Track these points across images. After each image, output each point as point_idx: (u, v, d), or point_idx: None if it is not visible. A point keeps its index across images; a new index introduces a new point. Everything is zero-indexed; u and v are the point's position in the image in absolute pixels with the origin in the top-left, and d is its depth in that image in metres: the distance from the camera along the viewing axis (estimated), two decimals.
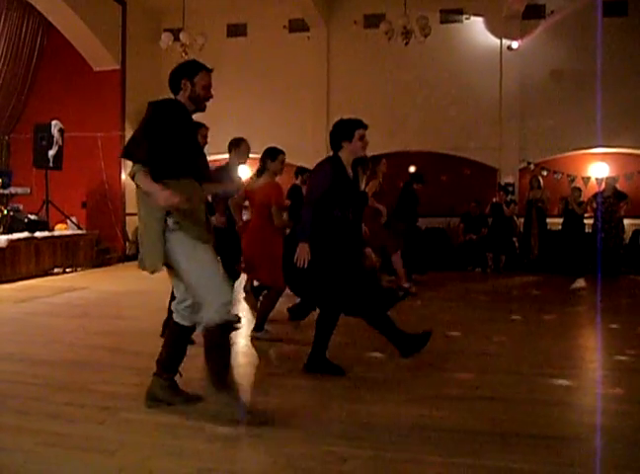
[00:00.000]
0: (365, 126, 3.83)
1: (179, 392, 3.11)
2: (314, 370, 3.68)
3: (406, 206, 7.78)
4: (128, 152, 2.87)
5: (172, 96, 3.05)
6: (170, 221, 2.83)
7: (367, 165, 6.98)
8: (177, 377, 3.12)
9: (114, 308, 6.19)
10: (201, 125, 4.51)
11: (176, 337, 3.08)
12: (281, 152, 4.76)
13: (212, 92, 3.09)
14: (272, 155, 4.71)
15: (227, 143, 5.03)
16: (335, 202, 3.65)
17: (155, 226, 2.83)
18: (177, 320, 3.07)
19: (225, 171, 4.87)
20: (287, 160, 4.88)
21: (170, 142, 2.84)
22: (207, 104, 3.10)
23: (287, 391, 3.40)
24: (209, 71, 3.09)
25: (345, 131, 3.76)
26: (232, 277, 4.53)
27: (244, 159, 5.08)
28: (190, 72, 3.02)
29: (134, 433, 2.74)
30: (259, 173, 4.75)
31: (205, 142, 4.66)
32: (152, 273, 2.90)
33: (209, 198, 4.10)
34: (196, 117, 3.14)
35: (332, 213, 3.66)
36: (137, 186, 2.85)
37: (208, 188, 3.20)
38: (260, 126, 11.43)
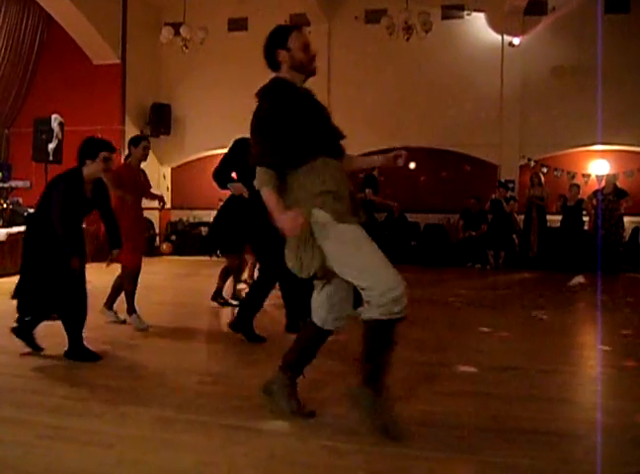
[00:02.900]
0: (113, 150, 4.02)
1: (294, 397, 2.82)
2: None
3: None
4: (253, 158, 2.57)
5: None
6: (319, 214, 2.53)
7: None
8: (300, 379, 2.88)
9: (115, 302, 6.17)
10: (144, 138, 4.96)
11: (311, 337, 2.81)
12: (144, 138, 5.04)
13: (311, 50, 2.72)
14: (135, 142, 4.97)
15: (228, 137, 5.08)
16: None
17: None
18: (315, 320, 2.77)
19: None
20: None
21: (288, 131, 2.56)
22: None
23: None
24: (300, 29, 2.74)
25: (89, 151, 3.96)
26: None
27: None
28: (280, 40, 2.69)
29: (133, 426, 2.74)
30: (126, 159, 4.95)
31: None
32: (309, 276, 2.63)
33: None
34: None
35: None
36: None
37: (349, 162, 2.88)
38: None
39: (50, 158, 9.52)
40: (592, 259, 8.68)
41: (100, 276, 5.30)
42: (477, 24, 11.08)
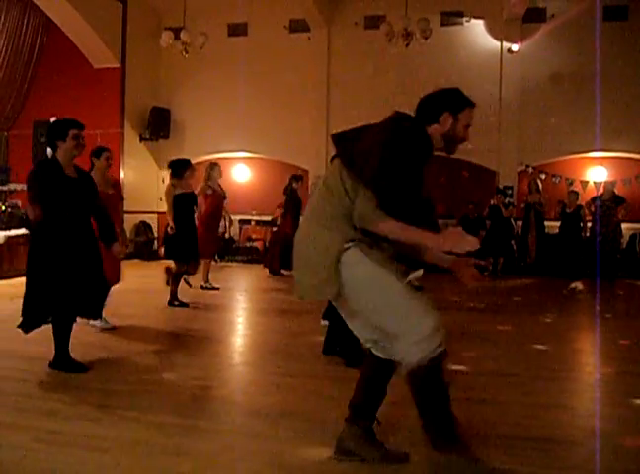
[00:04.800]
0: (81, 127, 3.91)
1: (376, 444, 2.46)
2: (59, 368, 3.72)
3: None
4: (382, 195, 2.19)
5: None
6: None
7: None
8: (375, 425, 2.52)
9: (111, 306, 6.14)
10: (105, 150, 5.02)
11: (373, 374, 2.47)
12: (106, 150, 5.09)
13: None
14: (97, 154, 5.03)
15: (227, 142, 5.09)
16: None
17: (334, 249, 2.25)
18: (373, 350, 2.45)
19: None
20: (286, 160, 4.94)
21: (413, 184, 2.29)
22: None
23: (286, 391, 3.39)
24: (474, 106, 2.53)
25: (58, 132, 3.87)
26: None
27: None
28: (456, 105, 2.46)
29: (130, 431, 2.73)
30: (89, 170, 4.92)
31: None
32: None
33: None
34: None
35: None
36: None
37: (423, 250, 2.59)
38: (260, 127, 11.44)
39: None
40: (590, 265, 8.68)
41: None
42: (476, 30, 11.11)
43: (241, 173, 12.29)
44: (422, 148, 2.35)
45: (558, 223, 9.94)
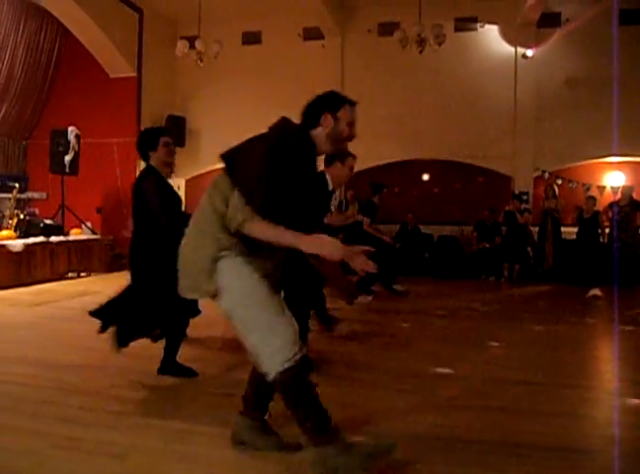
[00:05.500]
0: (170, 133, 3.97)
1: (269, 434, 2.64)
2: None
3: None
4: (248, 192, 2.28)
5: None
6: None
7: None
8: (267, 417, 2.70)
9: None
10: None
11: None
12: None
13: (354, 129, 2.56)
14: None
15: None
16: None
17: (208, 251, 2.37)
18: None
19: None
20: None
21: (287, 185, 2.34)
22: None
23: None
24: (353, 105, 2.60)
25: (149, 142, 3.86)
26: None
27: None
28: (333, 105, 2.54)
29: (145, 437, 2.74)
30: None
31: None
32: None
33: None
34: None
35: None
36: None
37: None
38: None
39: (67, 170, 9.65)
40: (608, 271, 8.57)
41: (111, 287, 5.32)
42: (490, 36, 11.08)
43: None
44: (302, 153, 2.43)
45: (575, 229, 9.84)
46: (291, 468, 2.44)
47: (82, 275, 9.19)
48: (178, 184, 12.60)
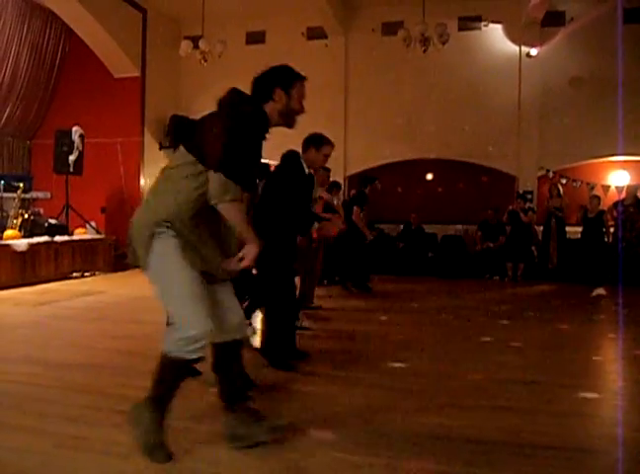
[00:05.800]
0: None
1: (260, 420, 2.67)
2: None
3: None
4: (226, 167, 2.34)
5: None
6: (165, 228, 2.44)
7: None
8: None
9: (131, 312, 6.23)
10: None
11: (221, 360, 2.69)
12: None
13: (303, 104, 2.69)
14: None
15: None
16: None
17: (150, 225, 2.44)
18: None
19: None
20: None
21: (252, 155, 2.49)
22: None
23: (302, 398, 3.39)
24: (305, 81, 2.70)
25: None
26: None
27: None
28: (286, 80, 2.62)
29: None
30: None
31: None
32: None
33: None
34: None
35: None
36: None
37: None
38: (277, 133, 11.44)
39: (71, 170, 9.67)
40: (613, 271, 8.55)
41: (115, 287, 5.34)
42: (494, 35, 11.06)
43: None
44: (260, 127, 2.53)
45: (580, 228, 9.81)
46: (291, 468, 2.44)
47: (86, 274, 9.21)
48: None
